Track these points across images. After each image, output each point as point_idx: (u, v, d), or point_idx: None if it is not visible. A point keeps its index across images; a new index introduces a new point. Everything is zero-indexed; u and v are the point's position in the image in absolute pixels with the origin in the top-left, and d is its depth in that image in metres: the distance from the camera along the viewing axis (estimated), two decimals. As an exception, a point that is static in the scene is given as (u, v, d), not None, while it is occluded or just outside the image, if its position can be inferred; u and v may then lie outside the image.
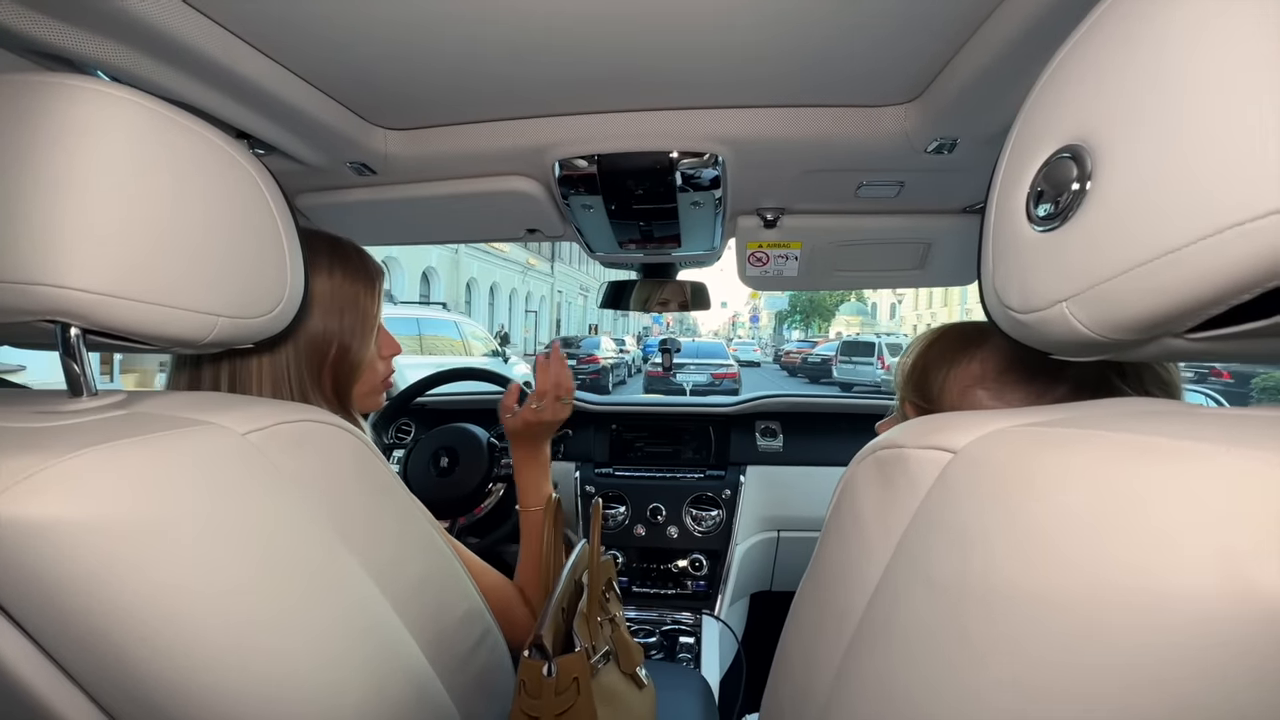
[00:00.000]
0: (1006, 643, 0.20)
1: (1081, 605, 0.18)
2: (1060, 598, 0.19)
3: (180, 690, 0.30)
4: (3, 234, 0.31)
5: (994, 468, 0.24)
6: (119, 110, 0.34)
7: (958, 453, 0.26)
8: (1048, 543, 0.20)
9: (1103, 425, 0.22)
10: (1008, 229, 0.31)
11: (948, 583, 0.23)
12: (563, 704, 0.44)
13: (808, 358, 17.25)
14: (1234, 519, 0.16)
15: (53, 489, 0.27)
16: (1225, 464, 0.17)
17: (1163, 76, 0.23)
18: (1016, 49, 0.52)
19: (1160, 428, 0.20)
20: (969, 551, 0.23)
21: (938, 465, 0.27)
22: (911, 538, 0.27)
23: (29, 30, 0.48)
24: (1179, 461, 0.18)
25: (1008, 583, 0.20)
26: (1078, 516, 0.19)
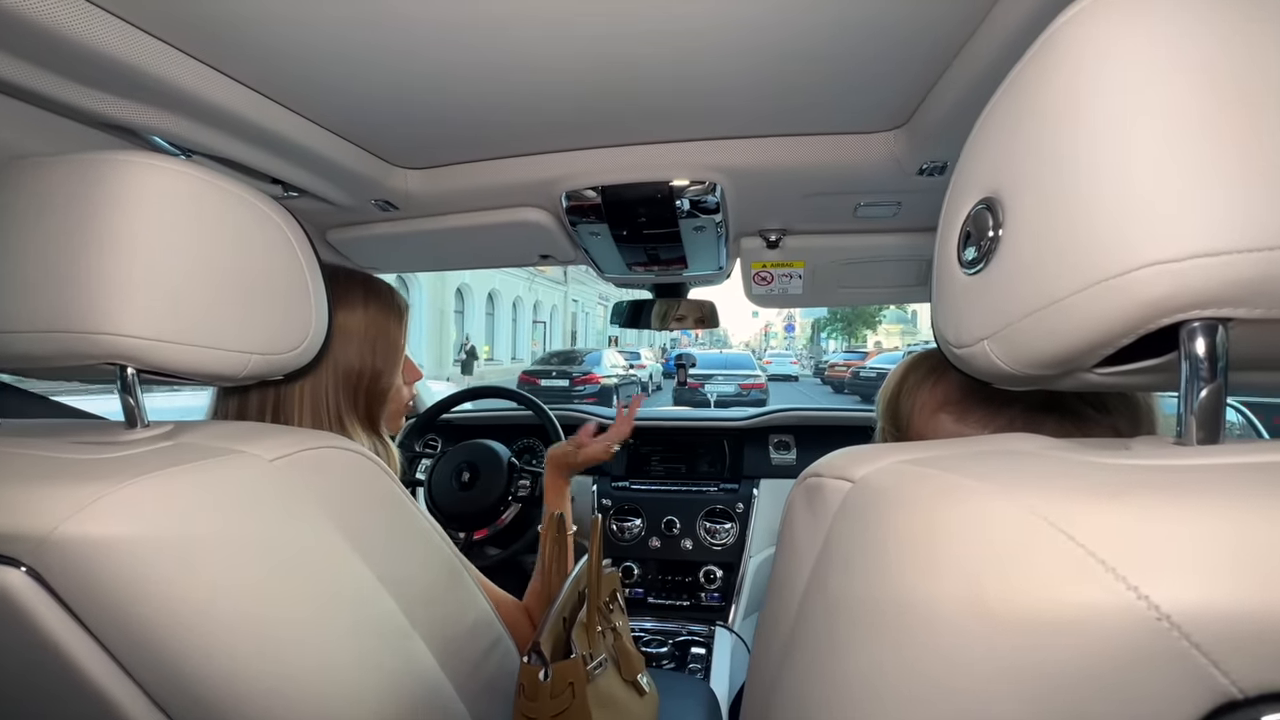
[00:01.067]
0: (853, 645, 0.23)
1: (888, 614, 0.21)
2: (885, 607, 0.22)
3: (220, 686, 0.35)
4: (72, 290, 0.37)
5: (874, 497, 0.27)
6: (163, 180, 0.39)
7: (855, 483, 0.29)
8: (885, 560, 0.23)
9: (945, 466, 0.25)
10: (945, 270, 0.34)
11: (834, 595, 0.26)
12: (558, 706, 0.48)
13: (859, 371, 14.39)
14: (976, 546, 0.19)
15: (112, 511, 0.32)
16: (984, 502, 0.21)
17: (1057, 139, 0.26)
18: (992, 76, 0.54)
19: (978, 470, 0.23)
20: (848, 569, 0.26)
21: (841, 493, 0.30)
22: (820, 558, 0.30)
23: (97, 108, 0.55)
24: (963, 501, 0.22)
25: (861, 593, 0.24)
26: (903, 540, 0.22)
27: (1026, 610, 0.18)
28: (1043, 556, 0.18)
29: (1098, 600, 0.17)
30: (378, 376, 0.66)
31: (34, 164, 0.40)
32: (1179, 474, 0.20)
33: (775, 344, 54.19)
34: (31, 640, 0.32)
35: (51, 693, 0.35)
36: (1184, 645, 0.16)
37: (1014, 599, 0.18)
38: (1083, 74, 0.25)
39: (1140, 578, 0.16)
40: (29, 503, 0.32)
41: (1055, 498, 0.19)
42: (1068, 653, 0.17)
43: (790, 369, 21.36)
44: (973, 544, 0.20)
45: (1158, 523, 0.18)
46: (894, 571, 0.22)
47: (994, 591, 0.18)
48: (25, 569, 0.31)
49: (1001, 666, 0.18)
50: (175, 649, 0.33)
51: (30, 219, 0.39)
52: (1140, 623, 0.16)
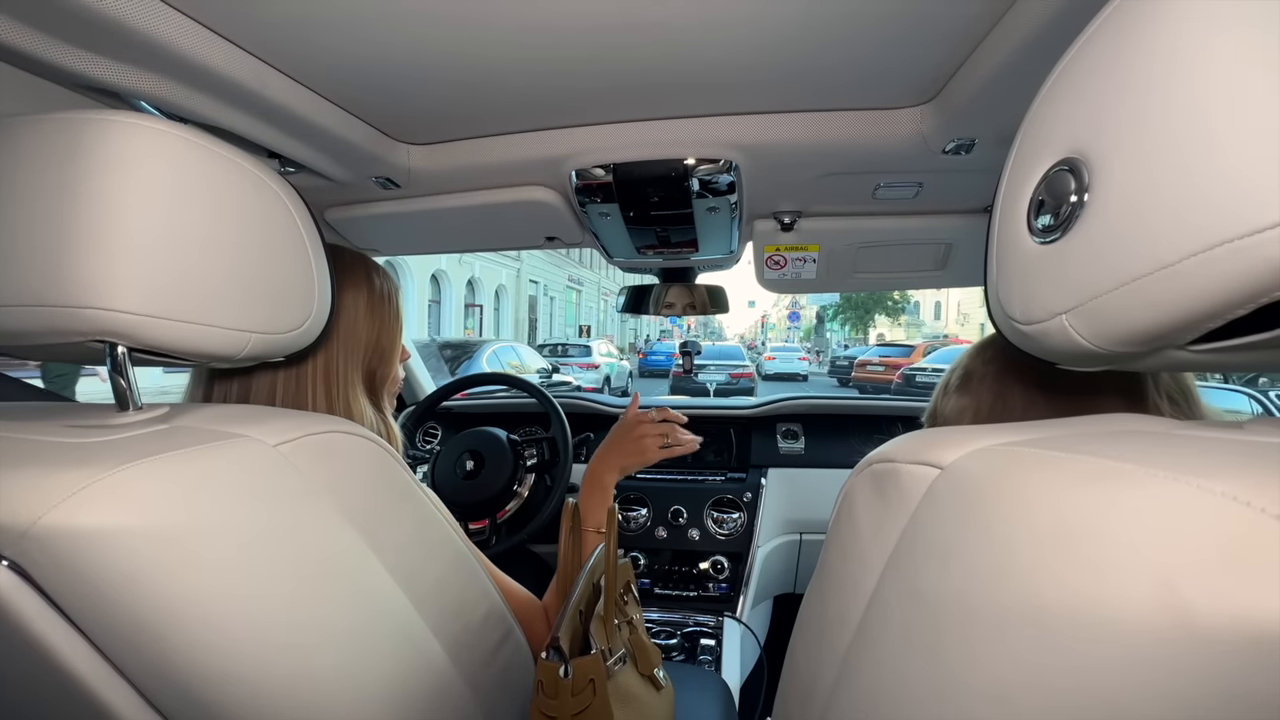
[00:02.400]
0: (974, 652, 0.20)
1: (1037, 620, 0.19)
2: (1021, 611, 0.19)
3: (217, 683, 0.32)
4: (56, 262, 0.34)
5: (973, 485, 0.24)
6: (157, 143, 0.36)
7: (944, 469, 0.27)
8: (1012, 559, 0.20)
9: (1071, 447, 0.22)
10: (1010, 240, 0.31)
11: (929, 593, 0.24)
12: (579, 704, 0.46)
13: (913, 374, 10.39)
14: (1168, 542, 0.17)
15: (103, 500, 0.29)
16: (1163, 489, 0.18)
17: (1157, 92, 0.23)
18: (1030, 49, 0.51)
19: (1120, 451, 0.20)
20: (948, 564, 0.23)
21: (926, 480, 0.27)
22: (902, 549, 0.27)
23: (80, 68, 0.51)
24: (1126, 486, 0.19)
25: (977, 595, 0.21)
26: (1039, 536, 0.20)
27: (1248, 623, 0.15)
28: (1262, 555, 0.15)
29: None
30: (384, 357, 0.66)
31: (9, 123, 0.37)
32: None
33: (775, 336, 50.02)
34: (14, 638, 0.30)
35: (37, 692, 0.32)
36: None
37: (1228, 608, 0.15)
38: (1189, 15, 0.22)
39: None
40: (10, 491, 0.29)
41: (1251, 481, 0.17)
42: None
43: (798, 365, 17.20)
44: (1159, 538, 0.17)
45: None
46: (1033, 570, 0.19)
47: (1199, 598, 0.15)
48: (7, 563, 0.29)
49: (1205, 688, 0.15)
50: (170, 646, 0.31)
51: (9, 183, 0.35)
52: None
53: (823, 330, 34.24)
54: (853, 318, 32.02)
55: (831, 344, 31.78)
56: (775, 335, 49.47)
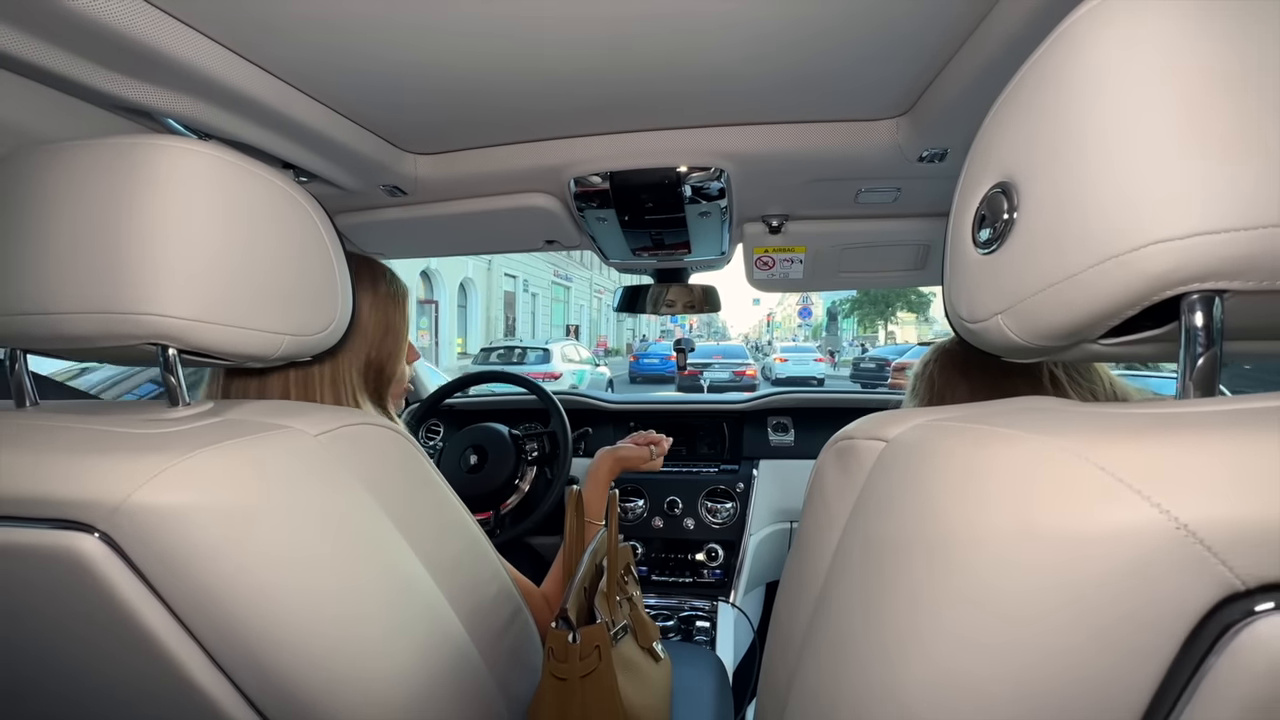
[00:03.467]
0: (900, 578, 0.26)
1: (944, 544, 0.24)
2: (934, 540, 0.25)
3: (271, 642, 0.37)
4: (115, 272, 0.38)
5: (908, 451, 0.30)
6: (199, 164, 0.40)
7: (889, 441, 0.32)
8: (930, 502, 0.26)
9: (979, 420, 0.28)
10: (959, 250, 0.36)
11: (876, 538, 0.29)
12: (587, 667, 0.51)
13: None
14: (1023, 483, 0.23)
15: (179, 481, 0.33)
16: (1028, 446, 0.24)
17: (1071, 124, 0.28)
18: (995, 67, 0.56)
19: (1010, 422, 0.26)
20: (889, 513, 0.29)
21: (876, 451, 0.33)
22: (858, 508, 0.32)
23: (118, 90, 0.55)
24: (1004, 446, 0.25)
25: (907, 532, 0.26)
26: (948, 483, 0.25)
27: (1069, 531, 0.21)
28: (1081, 486, 0.21)
29: (1129, 517, 0.20)
30: (388, 359, 0.69)
31: (62, 149, 0.41)
32: (1186, 417, 0.23)
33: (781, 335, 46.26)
34: (104, 603, 0.34)
35: (118, 651, 0.37)
36: (1199, 549, 0.19)
37: (1058, 522, 0.21)
38: (1095, 67, 0.27)
39: (1163, 497, 0.20)
40: (99, 471, 0.33)
41: (1086, 439, 0.23)
42: (1105, 562, 0.20)
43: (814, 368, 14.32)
44: (1018, 480, 0.23)
45: (1175, 452, 0.21)
46: (940, 509, 0.25)
47: (1040, 518, 0.21)
48: (99, 534, 0.33)
49: (1046, 581, 0.21)
50: (237, 612, 0.36)
51: (66, 202, 0.39)
52: (1163, 533, 0.20)
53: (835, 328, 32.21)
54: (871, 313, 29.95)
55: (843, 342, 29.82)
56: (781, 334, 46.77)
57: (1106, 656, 0.21)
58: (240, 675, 0.38)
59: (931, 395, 0.72)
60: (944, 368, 0.71)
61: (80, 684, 0.40)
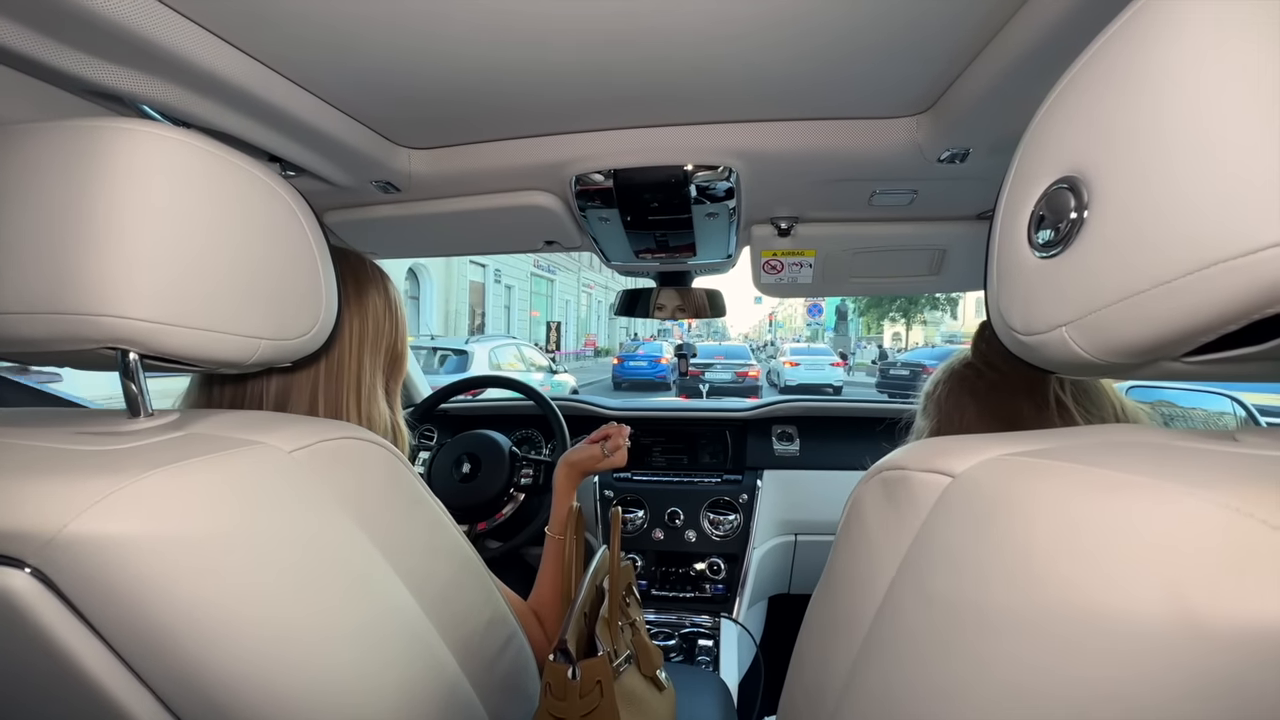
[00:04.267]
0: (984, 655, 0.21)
1: (1048, 624, 0.20)
2: (1031, 617, 0.20)
3: (236, 687, 0.33)
4: (69, 269, 0.34)
5: (985, 494, 0.25)
6: (169, 151, 0.36)
7: (956, 477, 0.28)
8: (1025, 567, 0.21)
9: (1078, 458, 0.23)
10: (1011, 253, 0.32)
11: (941, 598, 0.25)
12: (587, 706, 0.46)
13: None
14: (1177, 552, 0.18)
15: (127, 507, 0.29)
16: (1171, 501, 0.19)
17: (1156, 113, 0.24)
18: (1025, 63, 0.53)
19: (1125, 463, 0.22)
20: (960, 570, 0.24)
21: (938, 488, 0.28)
22: (914, 555, 0.28)
23: (86, 73, 0.51)
24: (1135, 497, 0.20)
25: (989, 601, 0.22)
26: (1051, 544, 0.21)
27: (1252, 622, 0.16)
28: (1258, 555, 0.16)
29: None
30: (399, 360, 0.68)
31: (20, 131, 0.37)
32: None
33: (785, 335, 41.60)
34: (36, 646, 0.30)
35: (58, 699, 0.33)
36: None
37: (1235, 609, 0.16)
38: (1189, 42, 0.23)
39: None
40: (34, 498, 0.29)
41: (1250, 493, 0.18)
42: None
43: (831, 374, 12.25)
44: (1169, 546, 0.18)
45: None
46: (1048, 577, 0.20)
47: (1207, 601, 0.17)
48: (30, 570, 0.29)
49: (1213, 685, 0.16)
50: (193, 652, 0.31)
51: (19, 191, 0.35)
52: None
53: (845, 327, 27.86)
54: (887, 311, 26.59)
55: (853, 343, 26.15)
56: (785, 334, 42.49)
57: None
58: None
59: (940, 416, 0.70)
60: (952, 390, 0.69)
61: None
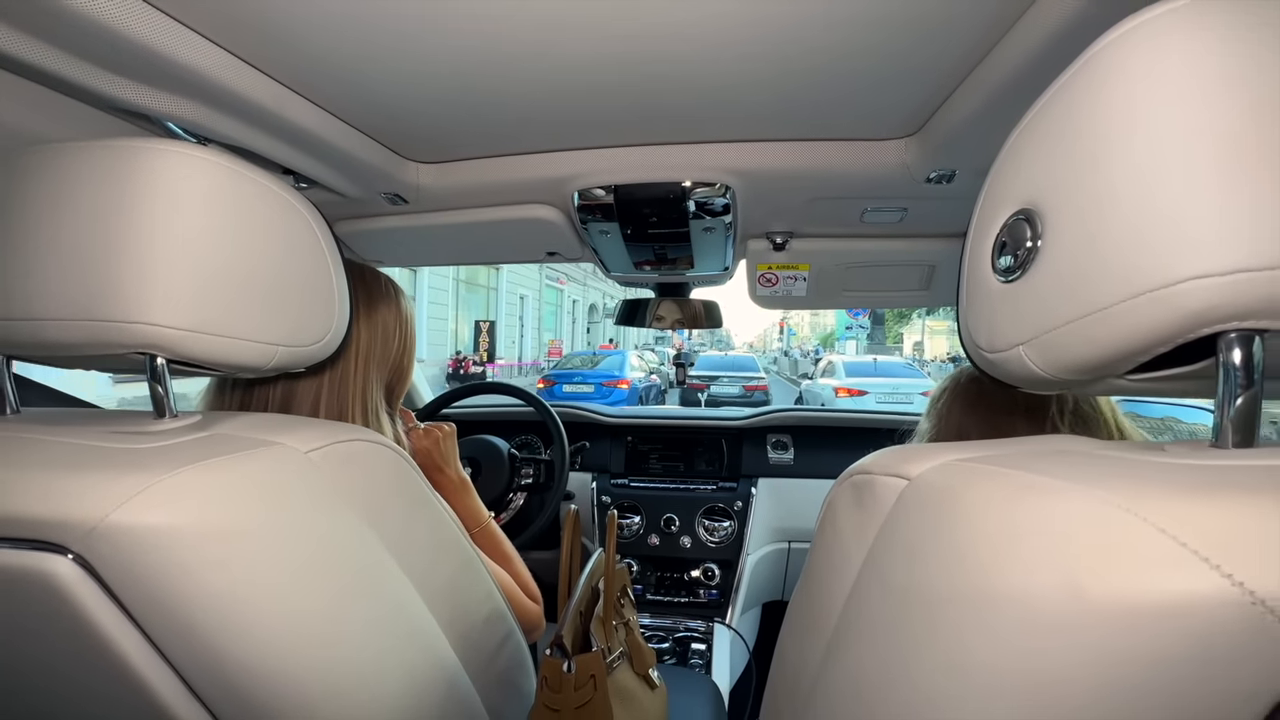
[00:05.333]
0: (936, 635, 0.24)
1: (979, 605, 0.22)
2: (968, 598, 0.23)
3: (257, 673, 0.35)
4: (105, 279, 0.37)
5: (935, 494, 0.28)
6: (198, 170, 0.39)
7: (912, 480, 0.30)
8: (962, 556, 0.24)
9: (1013, 464, 0.26)
10: (978, 277, 0.35)
11: (898, 586, 0.28)
12: (581, 698, 0.49)
13: None
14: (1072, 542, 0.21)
15: (161, 501, 0.32)
16: (1073, 500, 0.22)
17: (1097, 157, 0.27)
18: (1007, 90, 0.56)
19: (1049, 468, 0.24)
20: (913, 561, 0.27)
21: (897, 490, 0.31)
22: (877, 548, 0.31)
23: (117, 93, 0.54)
24: (1049, 498, 0.23)
25: (935, 586, 0.25)
26: (984, 537, 0.24)
27: (1128, 601, 0.19)
28: (1140, 550, 0.19)
29: (1197, 589, 0.18)
30: (403, 373, 0.70)
31: (57, 150, 0.40)
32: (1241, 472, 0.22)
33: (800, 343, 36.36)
34: (76, 629, 0.32)
35: (89, 677, 0.35)
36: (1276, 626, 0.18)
37: (1115, 591, 0.19)
38: (1129, 93, 0.26)
39: (1233, 566, 0.18)
40: (76, 490, 0.32)
41: (1138, 494, 0.21)
42: (1170, 639, 0.18)
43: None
44: (1065, 539, 0.21)
45: (1239, 515, 0.19)
46: (976, 564, 0.23)
47: (1093, 584, 0.19)
48: (73, 556, 0.31)
49: (1099, 654, 0.19)
50: (217, 639, 0.34)
51: (57, 206, 0.38)
52: (1236, 607, 0.18)
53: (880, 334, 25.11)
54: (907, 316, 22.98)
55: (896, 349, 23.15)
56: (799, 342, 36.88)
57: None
58: (219, 705, 0.36)
59: (941, 427, 0.71)
60: (953, 401, 0.72)
61: (47, 710, 0.38)
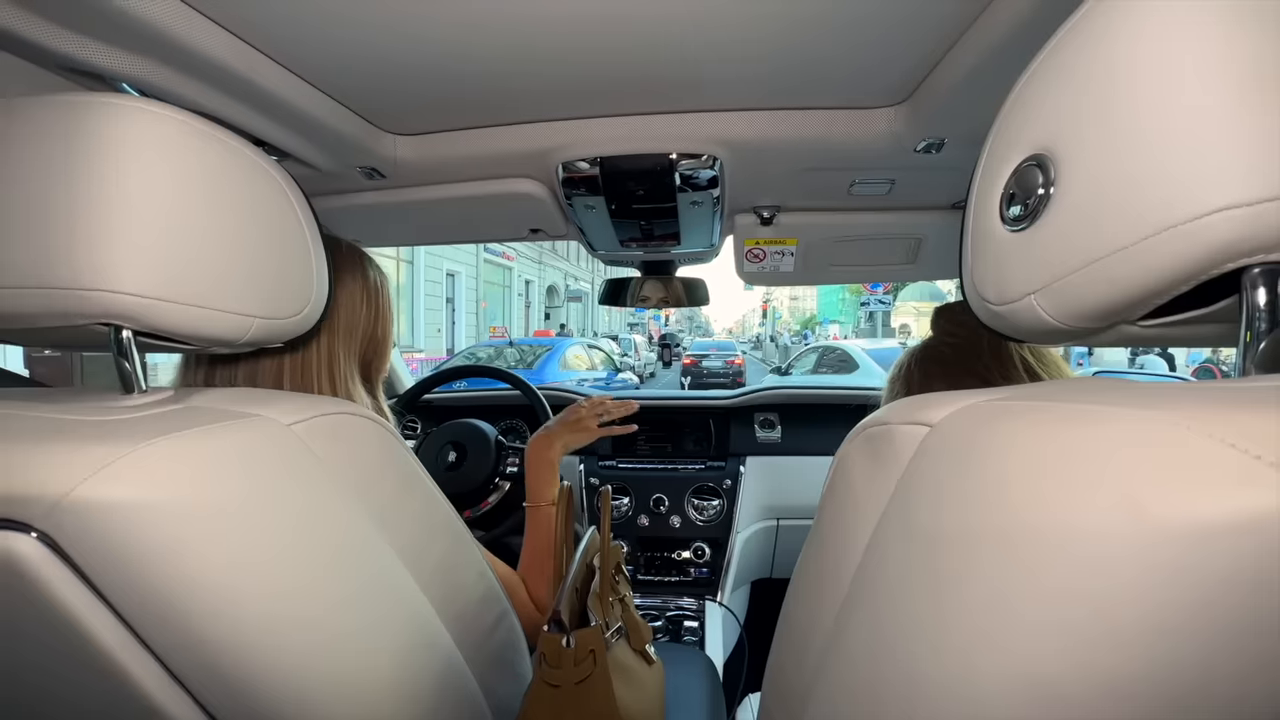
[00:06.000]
0: (971, 573, 0.23)
1: (1025, 538, 0.22)
2: (1011, 533, 0.22)
3: (237, 655, 0.33)
4: (59, 244, 0.34)
5: (963, 435, 0.27)
6: (160, 126, 0.36)
7: (934, 426, 0.30)
8: (1001, 490, 0.23)
9: (1048, 398, 0.26)
10: (984, 229, 0.34)
11: (923, 532, 0.27)
12: (581, 673, 0.48)
13: None
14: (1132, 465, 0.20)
15: (129, 474, 0.30)
16: (1126, 422, 0.21)
17: (1114, 94, 0.26)
18: (996, 56, 0.55)
19: (1090, 399, 0.24)
20: (941, 504, 0.26)
21: (917, 437, 0.30)
22: (897, 498, 0.30)
23: (65, 48, 0.50)
24: (1097, 424, 0.22)
25: (971, 525, 0.24)
26: (1024, 468, 0.23)
27: (1198, 519, 0.18)
28: (1208, 466, 0.18)
29: (1271, 501, 0.17)
30: (379, 347, 0.66)
31: (3, 105, 0.36)
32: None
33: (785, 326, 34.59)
34: (42, 611, 0.30)
35: (62, 666, 0.33)
36: None
37: (1182, 509, 0.18)
38: (1143, 25, 0.25)
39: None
40: (40, 464, 0.29)
41: (1194, 412, 0.20)
42: (1243, 556, 0.17)
43: None
44: (1123, 460, 0.20)
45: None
46: (1019, 497, 0.22)
47: (1157, 504, 0.18)
48: (36, 534, 0.29)
49: (1164, 577, 0.18)
50: (193, 618, 0.32)
51: (3, 165, 0.35)
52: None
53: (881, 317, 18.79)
54: None
55: None
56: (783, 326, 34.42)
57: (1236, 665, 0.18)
58: (200, 689, 0.34)
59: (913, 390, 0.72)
60: (923, 363, 0.72)
61: (19, 698, 0.36)
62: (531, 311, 19.55)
